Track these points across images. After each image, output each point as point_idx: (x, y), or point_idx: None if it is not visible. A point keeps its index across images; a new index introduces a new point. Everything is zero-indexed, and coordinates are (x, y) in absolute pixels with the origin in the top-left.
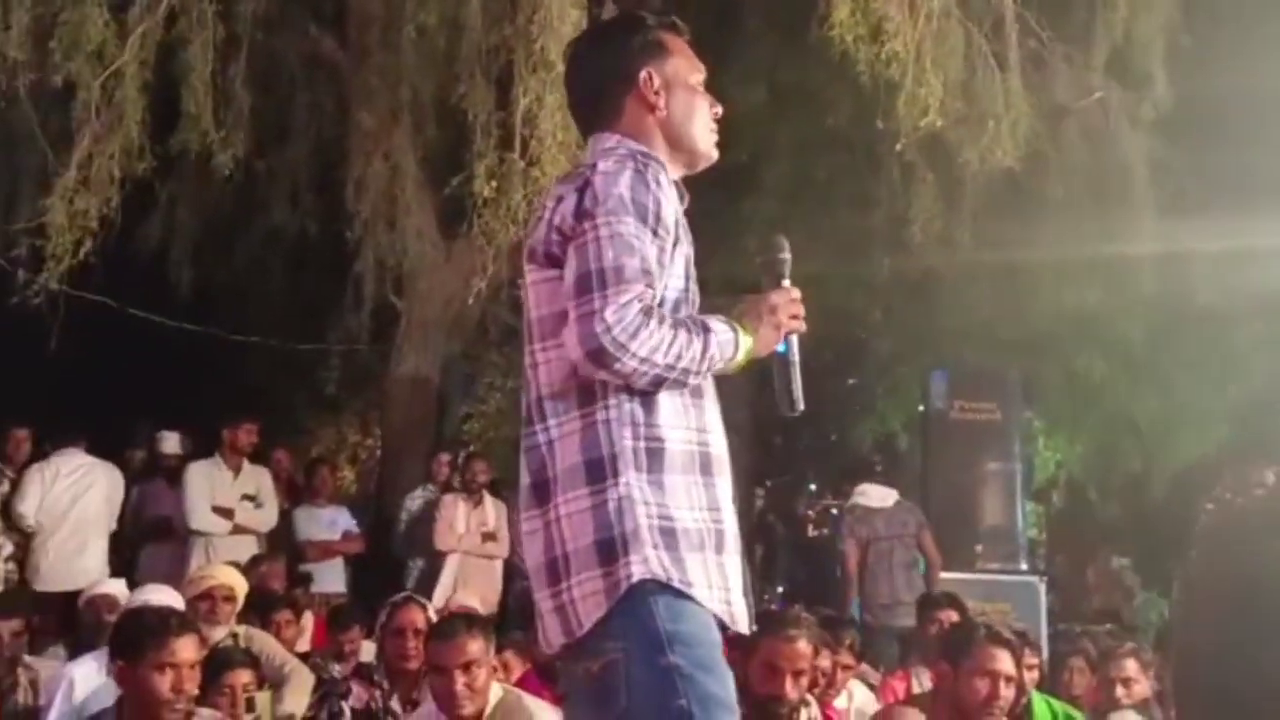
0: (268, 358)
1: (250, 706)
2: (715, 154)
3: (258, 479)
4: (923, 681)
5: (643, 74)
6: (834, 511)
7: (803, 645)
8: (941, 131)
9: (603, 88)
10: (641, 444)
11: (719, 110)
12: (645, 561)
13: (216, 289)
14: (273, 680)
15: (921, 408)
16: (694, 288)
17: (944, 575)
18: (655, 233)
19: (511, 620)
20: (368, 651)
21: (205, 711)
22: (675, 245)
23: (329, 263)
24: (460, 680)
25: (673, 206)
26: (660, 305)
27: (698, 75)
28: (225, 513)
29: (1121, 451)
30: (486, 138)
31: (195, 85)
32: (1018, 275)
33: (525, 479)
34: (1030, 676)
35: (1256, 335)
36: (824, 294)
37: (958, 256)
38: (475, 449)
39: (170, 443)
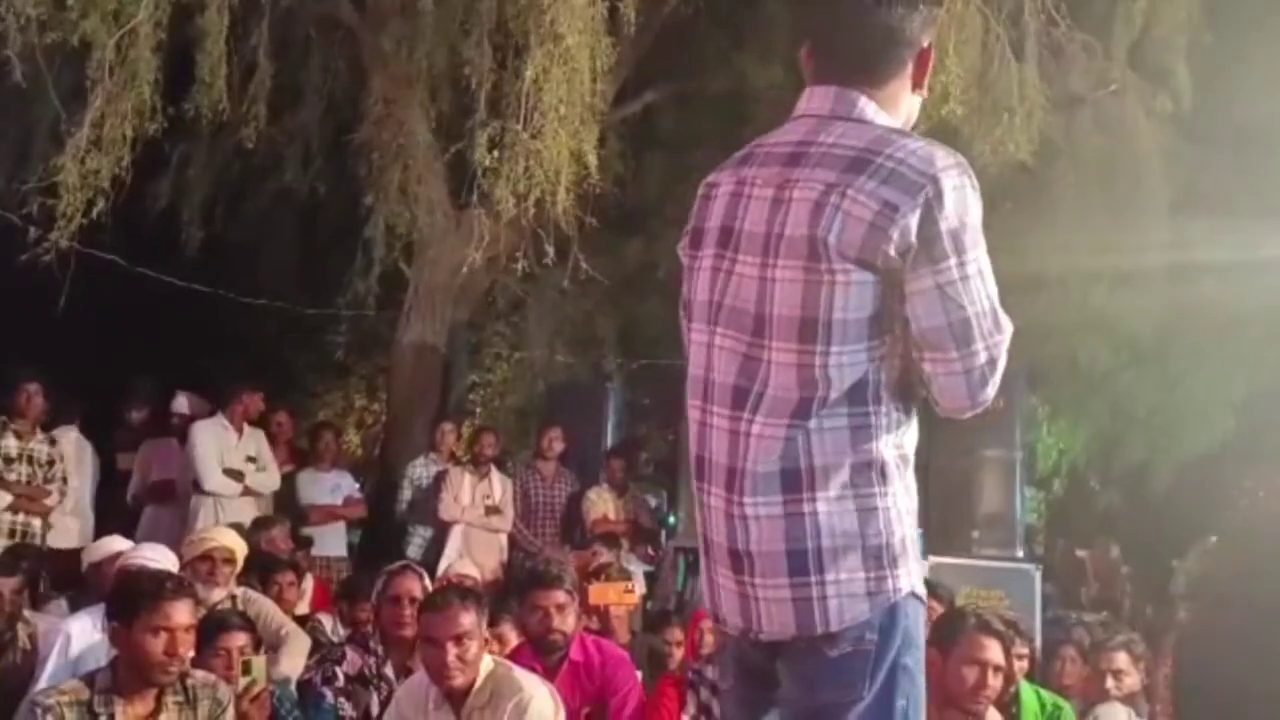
0: (276, 319)
1: (246, 669)
2: None
3: (257, 441)
4: None
5: (927, 44)
6: None
7: None
8: (955, 120)
9: (886, 45)
10: (898, 453)
11: None
12: (910, 575)
13: (226, 249)
14: (269, 643)
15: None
16: None
17: (939, 560)
18: None
19: (511, 592)
20: None
21: (199, 673)
22: None
23: (339, 227)
24: (452, 652)
25: None
26: None
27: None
28: (235, 475)
29: (1125, 441)
30: (490, 107)
31: (209, 47)
32: (1026, 263)
33: (768, 466)
34: (1020, 666)
35: (1264, 331)
36: None
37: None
38: (480, 418)
39: (180, 403)
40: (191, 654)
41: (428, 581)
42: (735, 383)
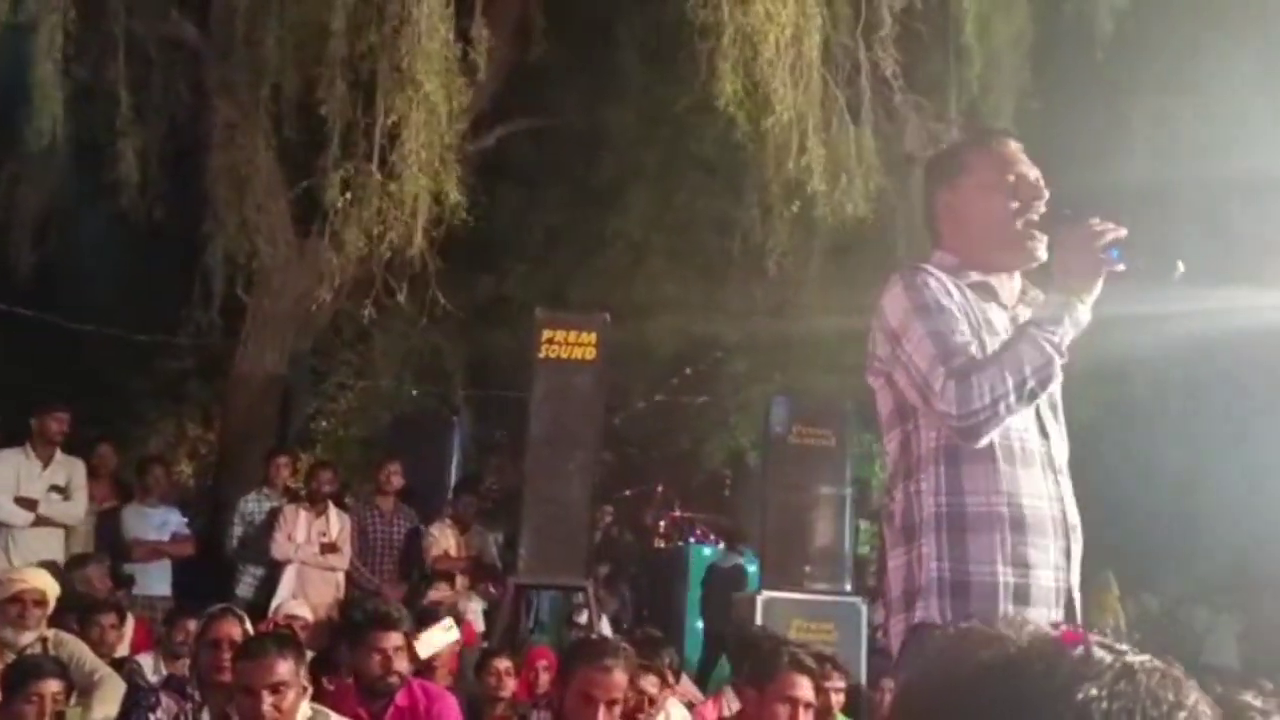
0: (107, 344)
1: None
2: (1030, 245)
3: (69, 470)
4: (732, 705)
5: (940, 202)
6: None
7: (618, 675)
8: (799, 177)
9: (926, 215)
10: (944, 510)
11: (1037, 198)
12: (927, 609)
13: (59, 273)
14: (81, 687)
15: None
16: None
17: (774, 595)
18: (941, 307)
19: (343, 634)
20: None
21: None
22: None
23: (179, 252)
24: (268, 700)
25: (949, 291)
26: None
27: (996, 177)
28: (28, 504)
29: None
30: (347, 146)
31: (40, 71)
32: (865, 308)
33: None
34: (836, 699)
35: (1094, 373)
36: (682, 314)
37: (810, 287)
38: (321, 450)
39: None
40: None
41: (248, 625)
42: None
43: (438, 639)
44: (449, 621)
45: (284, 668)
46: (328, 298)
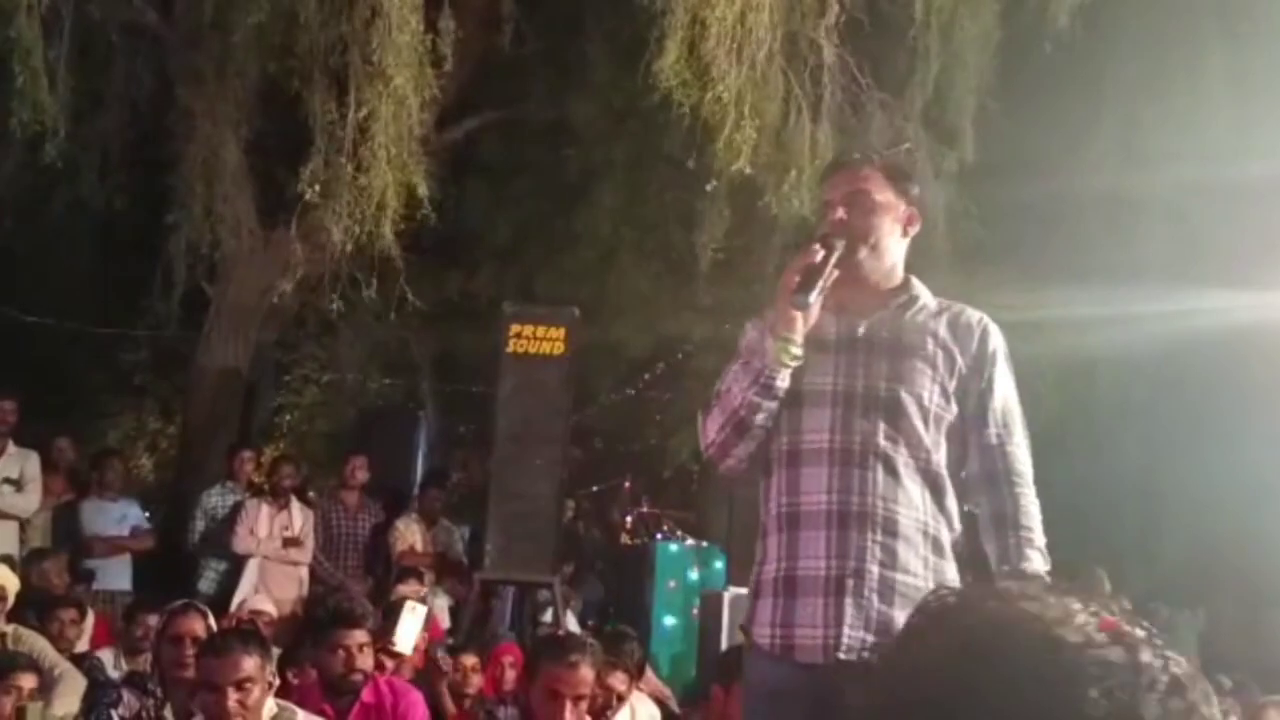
0: (65, 336)
1: (20, 717)
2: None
3: (22, 462)
4: None
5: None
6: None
7: (584, 671)
8: (751, 173)
9: None
10: (764, 516)
11: (836, 216)
12: (747, 613)
13: (14, 262)
14: (42, 683)
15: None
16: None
17: (741, 592)
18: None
19: (308, 630)
20: None
21: None
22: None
23: (139, 242)
24: (233, 697)
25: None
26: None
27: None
28: None
29: None
30: (324, 138)
31: (28, 59)
32: None
33: None
34: None
35: (1041, 373)
36: (651, 311)
37: (774, 284)
38: (285, 444)
39: None
40: None
41: (211, 621)
42: None
43: (410, 626)
44: (411, 603)
45: (249, 664)
46: (288, 288)
